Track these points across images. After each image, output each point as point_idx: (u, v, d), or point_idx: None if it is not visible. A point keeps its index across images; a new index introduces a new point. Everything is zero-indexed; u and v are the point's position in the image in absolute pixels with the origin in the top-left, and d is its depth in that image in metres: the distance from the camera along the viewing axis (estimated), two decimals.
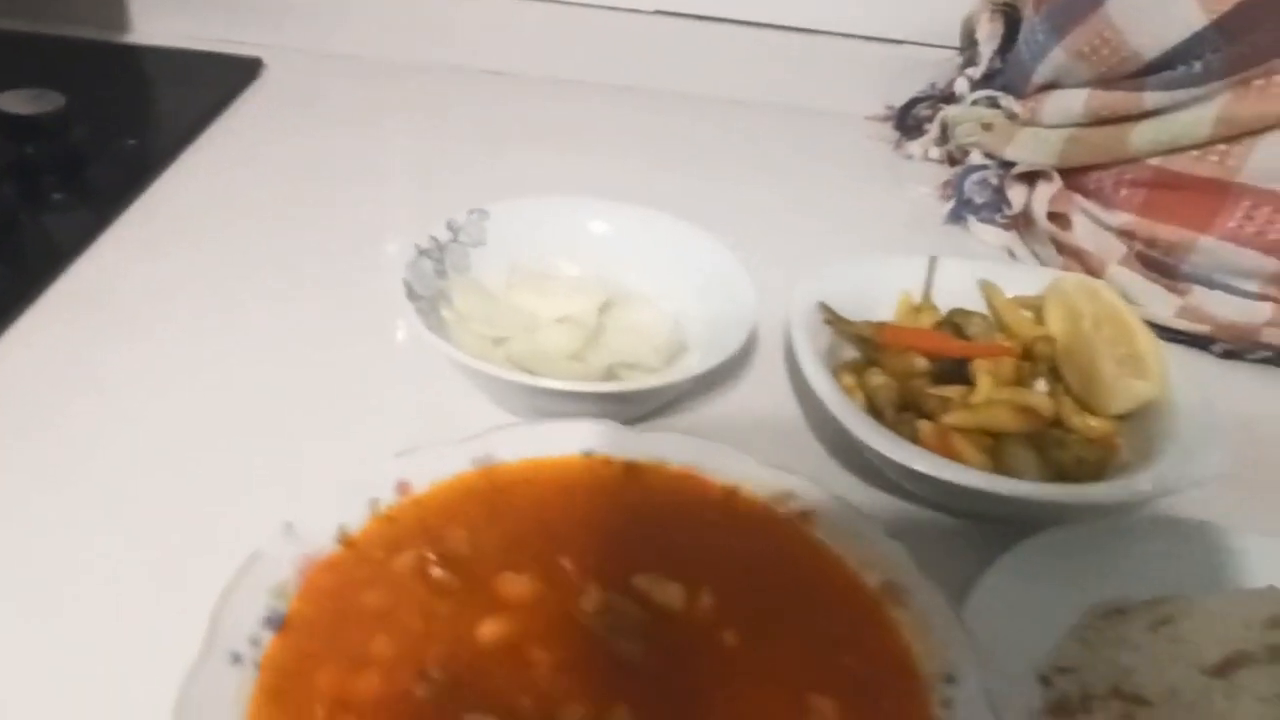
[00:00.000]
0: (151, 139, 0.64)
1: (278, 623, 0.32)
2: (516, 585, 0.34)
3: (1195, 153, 0.56)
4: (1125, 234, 0.60)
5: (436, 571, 0.34)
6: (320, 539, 0.34)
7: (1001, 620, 0.37)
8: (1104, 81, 0.59)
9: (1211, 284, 0.58)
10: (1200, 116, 0.55)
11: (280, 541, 0.33)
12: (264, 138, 0.67)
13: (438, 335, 0.42)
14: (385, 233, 0.57)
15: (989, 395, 0.43)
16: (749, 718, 0.31)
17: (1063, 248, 0.62)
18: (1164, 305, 0.58)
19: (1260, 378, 0.58)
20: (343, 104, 0.72)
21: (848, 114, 0.80)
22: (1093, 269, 0.60)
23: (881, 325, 0.46)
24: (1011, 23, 0.70)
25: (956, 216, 0.68)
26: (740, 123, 0.77)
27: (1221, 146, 0.55)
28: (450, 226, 0.50)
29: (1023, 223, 0.66)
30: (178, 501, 0.40)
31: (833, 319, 0.46)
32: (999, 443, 0.42)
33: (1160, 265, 0.59)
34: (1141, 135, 0.58)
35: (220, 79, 0.70)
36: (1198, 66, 0.54)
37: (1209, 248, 0.57)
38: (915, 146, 0.75)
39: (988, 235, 0.66)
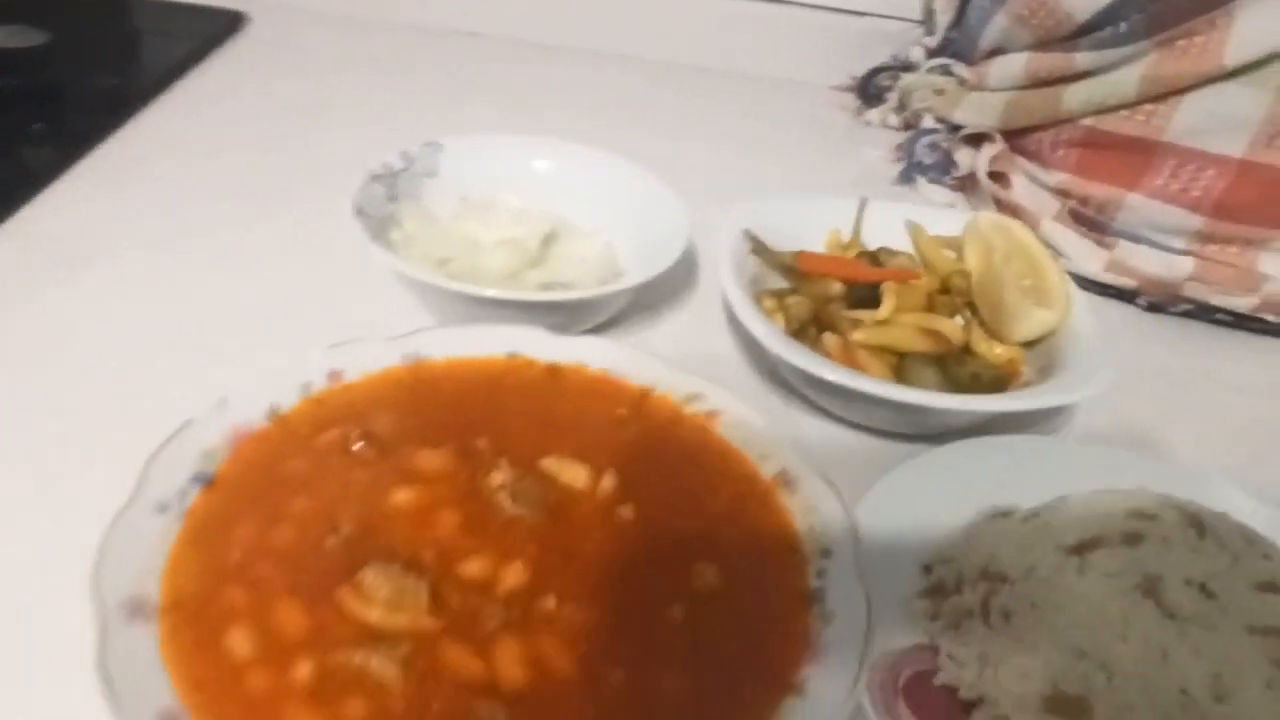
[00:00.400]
0: (132, 80, 0.66)
1: (205, 480, 0.34)
2: (432, 460, 0.37)
3: (1124, 112, 0.59)
4: (1060, 192, 0.63)
5: (358, 446, 0.37)
6: (252, 414, 0.37)
7: (894, 518, 0.40)
8: (1042, 44, 0.62)
9: (1138, 239, 0.60)
10: (1127, 76, 0.57)
11: (214, 413, 0.36)
12: (240, 84, 0.70)
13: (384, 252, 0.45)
14: (344, 167, 0.59)
15: (893, 314, 0.45)
16: (636, 577, 0.34)
17: (1002, 205, 0.65)
18: (1093, 260, 0.61)
19: (1180, 329, 0.60)
20: (317, 57, 0.75)
21: (813, 84, 0.82)
22: (1028, 221, 0.63)
23: (801, 253, 0.48)
24: None
25: (906, 178, 0.70)
26: (705, 89, 0.80)
27: (1148, 106, 0.58)
28: (404, 156, 0.52)
29: (969, 184, 0.68)
30: (132, 388, 0.42)
31: (758, 248, 0.48)
32: (903, 360, 0.44)
33: (1091, 222, 0.62)
34: (1074, 95, 0.60)
35: (203, 29, 0.73)
36: (1124, 27, 0.56)
37: (1136, 205, 0.60)
38: (874, 114, 0.78)
39: (935, 195, 0.69)
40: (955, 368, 0.44)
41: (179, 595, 0.31)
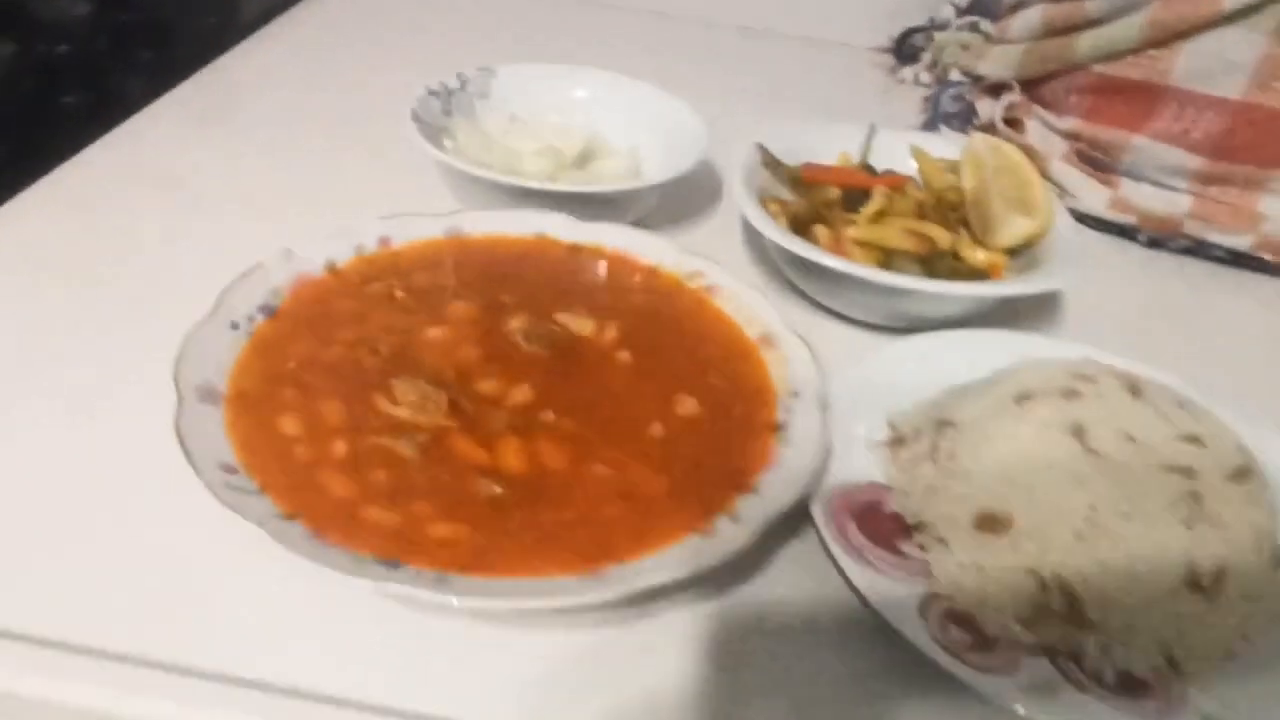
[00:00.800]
0: (227, 22, 0.74)
1: (270, 310, 0.41)
2: (460, 309, 0.43)
3: (1130, 58, 0.62)
4: (1071, 136, 0.66)
5: (400, 294, 0.43)
6: (312, 265, 0.44)
7: (867, 387, 0.44)
8: None
9: (1141, 179, 0.64)
10: (1132, 22, 0.61)
11: (280, 260, 0.43)
12: (323, 31, 0.77)
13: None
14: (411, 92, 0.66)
15: (885, 218, 0.50)
16: (626, 403, 0.39)
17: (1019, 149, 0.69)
18: (1096, 198, 0.65)
19: (1178, 265, 0.64)
20: (394, 9, 0.82)
21: (855, 45, 0.87)
22: (1039, 163, 0.67)
23: (806, 164, 0.53)
24: None
25: (931, 127, 0.74)
26: (750, 49, 0.85)
27: (1153, 51, 0.61)
28: (460, 78, 0.59)
29: (989, 131, 0.72)
30: (219, 247, 0.48)
31: (769, 160, 0.53)
32: (889, 257, 0.49)
33: (1097, 162, 0.65)
34: (1085, 42, 0.64)
35: None
36: None
37: (1141, 146, 0.63)
38: (908, 71, 0.82)
39: (958, 142, 0.73)
40: (937, 266, 0.49)
41: (241, 389, 0.37)
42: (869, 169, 0.55)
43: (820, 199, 0.52)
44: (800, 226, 0.50)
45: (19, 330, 0.44)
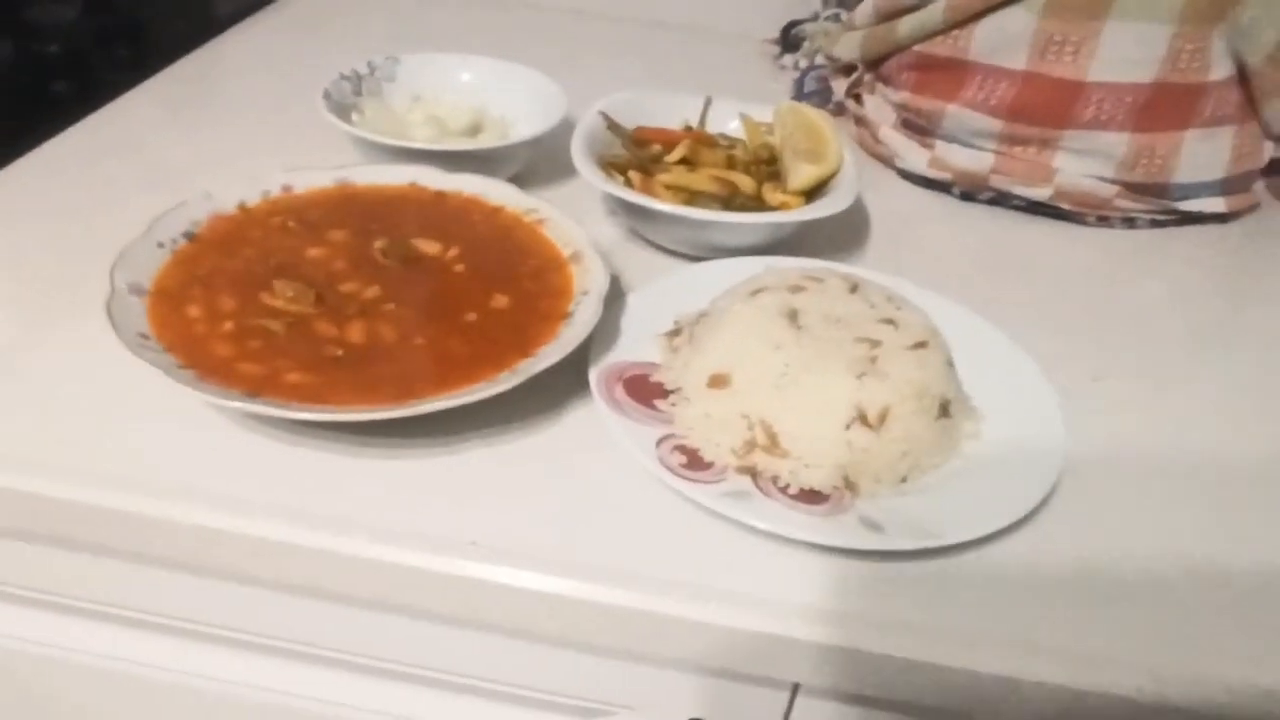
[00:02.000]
0: (196, 25, 0.88)
1: (190, 236, 0.54)
2: (338, 235, 0.55)
3: (940, 38, 0.74)
4: (901, 106, 0.78)
5: (292, 225, 0.56)
6: (226, 205, 0.56)
7: (667, 296, 0.56)
8: None
9: (953, 140, 0.75)
10: (937, 6, 0.72)
11: (200, 199, 0.55)
12: (284, 31, 0.91)
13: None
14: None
15: (685, 157, 0.62)
16: (452, 298, 0.52)
17: (857, 119, 0.81)
18: (919, 158, 0.76)
19: (987, 213, 0.75)
20: (352, 16, 0.96)
21: (751, 37, 0.99)
22: (872, 130, 0.79)
23: (639, 127, 0.66)
24: None
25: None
26: (650, 39, 0.97)
27: (955, 31, 0.73)
28: (369, 64, 0.72)
29: (842, 106, 0.84)
30: (157, 196, 0.61)
31: (611, 124, 0.65)
32: (694, 198, 0.61)
33: (920, 128, 0.77)
34: (904, 26, 0.75)
35: None
36: None
37: (954, 113, 0.74)
38: (788, 59, 0.94)
39: None
40: (734, 205, 0.61)
41: (161, 287, 0.50)
42: (702, 136, 0.66)
43: (648, 155, 0.64)
44: (625, 176, 0.62)
45: (7, 259, 0.57)
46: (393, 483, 0.46)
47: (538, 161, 0.69)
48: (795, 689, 0.46)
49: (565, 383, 0.50)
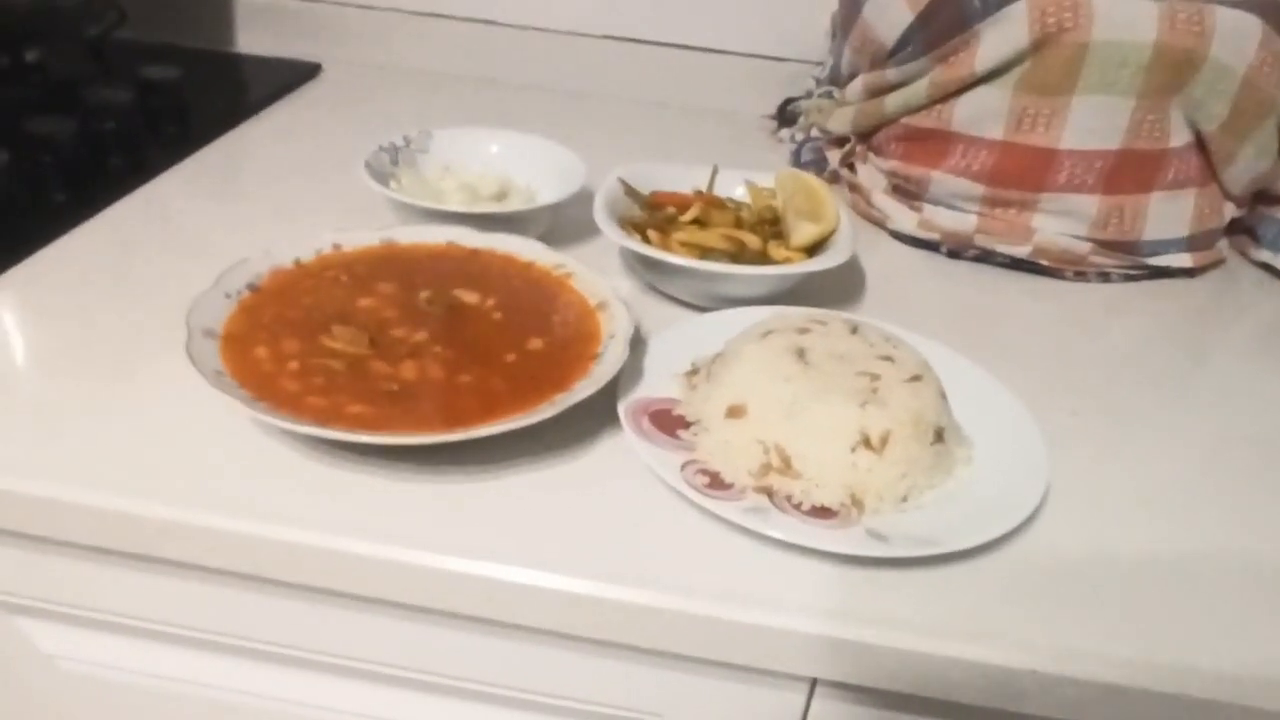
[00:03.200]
0: (235, 104, 0.95)
1: (253, 287, 0.59)
2: (385, 287, 0.61)
3: (924, 111, 0.81)
4: (891, 174, 0.85)
5: (344, 279, 0.62)
6: (283, 261, 0.62)
7: (686, 341, 0.62)
8: (871, 67, 0.85)
9: (939, 204, 0.82)
10: (920, 84, 0.80)
11: (261, 256, 0.61)
12: (313, 111, 0.98)
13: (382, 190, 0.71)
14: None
15: (707, 228, 0.68)
16: (492, 342, 0.57)
17: (851, 186, 0.88)
18: (909, 220, 0.83)
19: (972, 270, 0.81)
20: (371, 95, 1.03)
21: (748, 114, 1.07)
22: (865, 196, 0.85)
23: (654, 191, 0.72)
24: None
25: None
26: (655, 119, 1.05)
27: (938, 105, 0.80)
28: (405, 138, 0.78)
29: (836, 175, 0.91)
30: (222, 255, 0.67)
31: (628, 190, 0.72)
32: (706, 254, 0.67)
33: (908, 193, 0.84)
34: (891, 102, 0.83)
35: (289, 74, 1.02)
36: (911, 49, 0.79)
37: (939, 179, 0.81)
38: (784, 132, 1.02)
39: None
40: (744, 260, 0.67)
41: (230, 332, 0.55)
42: (711, 200, 0.73)
43: (663, 216, 0.70)
44: (642, 234, 0.68)
45: (76, 316, 0.63)
46: (444, 504, 0.50)
47: (559, 225, 0.75)
48: (813, 685, 0.50)
49: (596, 417, 0.55)
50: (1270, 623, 0.49)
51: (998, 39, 0.74)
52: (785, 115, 1.03)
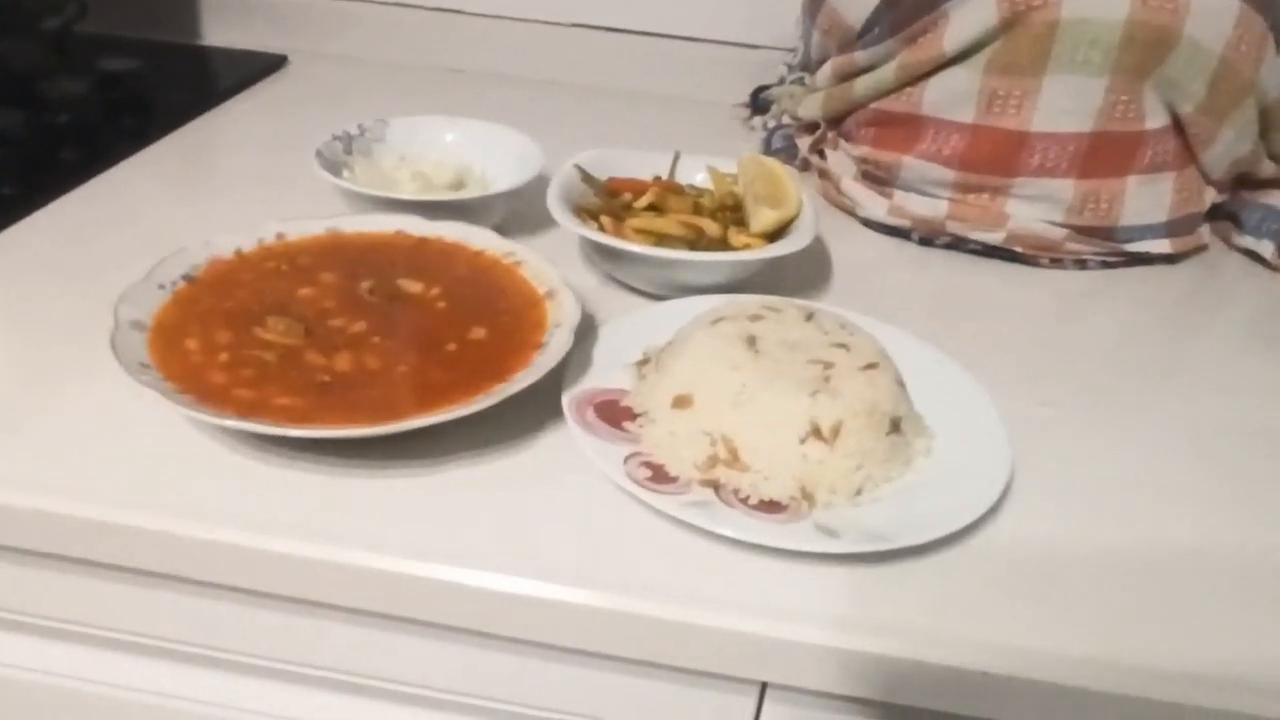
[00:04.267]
0: (198, 96, 0.93)
1: (189, 278, 0.57)
2: (328, 277, 0.59)
3: (892, 95, 0.79)
4: (861, 160, 0.83)
5: (285, 268, 0.60)
6: (223, 250, 0.60)
7: (638, 330, 0.60)
8: (840, 50, 0.83)
9: (910, 190, 0.80)
10: (888, 67, 0.77)
11: (200, 246, 0.59)
12: (277, 103, 0.96)
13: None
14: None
15: (653, 203, 0.66)
16: (434, 331, 0.55)
17: (821, 173, 0.85)
18: (879, 207, 0.81)
19: (944, 257, 0.79)
20: (332, 86, 1.01)
21: (721, 102, 1.04)
22: (835, 183, 0.83)
23: (610, 178, 0.70)
24: None
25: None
26: (626, 107, 1.03)
27: (907, 89, 0.78)
28: (359, 126, 0.76)
29: (806, 162, 0.89)
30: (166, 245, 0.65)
31: (585, 176, 0.70)
32: (661, 240, 0.65)
33: (879, 179, 0.81)
34: (860, 86, 0.80)
35: (253, 66, 1.00)
36: (877, 30, 0.77)
37: (910, 164, 0.79)
38: (757, 120, 1.00)
39: None
40: (701, 247, 0.65)
41: (160, 323, 0.54)
42: (659, 181, 0.71)
43: (619, 203, 0.68)
44: (598, 222, 0.66)
45: (17, 309, 0.61)
46: (379, 500, 0.48)
47: (517, 215, 0.73)
48: (763, 689, 0.48)
49: (541, 409, 0.53)
50: (1241, 620, 0.46)
51: (966, 18, 0.72)
52: (758, 103, 1.01)
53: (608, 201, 0.68)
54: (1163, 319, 0.75)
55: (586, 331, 0.57)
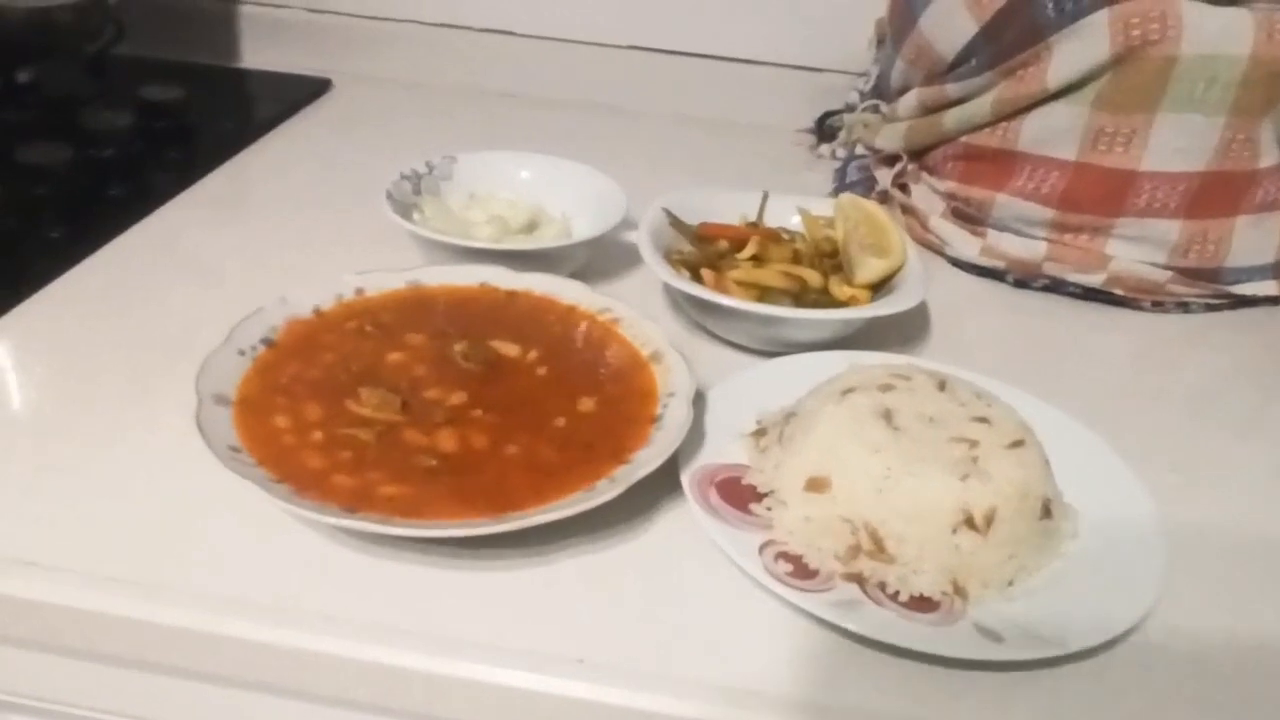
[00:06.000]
0: (243, 125, 0.89)
1: (268, 342, 0.53)
2: (415, 338, 0.55)
3: (986, 130, 0.75)
4: (949, 196, 0.79)
5: (369, 329, 0.55)
6: (302, 308, 0.56)
7: (748, 394, 0.56)
8: (927, 81, 0.79)
9: (1004, 229, 0.76)
10: (983, 101, 0.73)
11: (277, 305, 0.55)
12: (323, 129, 0.92)
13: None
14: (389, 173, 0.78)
15: (764, 263, 0.62)
16: (539, 403, 0.51)
17: (904, 209, 0.81)
18: (970, 247, 0.77)
19: (1041, 300, 0.75)
20: (381, 111, 0.97)
21: (782, 128, 1.00)
22: (921, 220, 0.79)
23: (703, 223, 0.66)
24: None
25: (838, 194, 0.87)
26: (688, 134, 0.98)
27: (1003, 123, 0.74)
28: (428, 164, 0.72)
29: (886, 196, 0.85)
30: (239, 302, 0.61)
31: (673, 220, 0.66)
32: (765, 294, 0.61)
33: (970, 217, 0.77)
34: (950, 118, 0.76)
35: (299, 91, 0.96)
36: (974, 62, 0.73)
37: (1004, 202, 0.75)
38: (825, 148, 0.95)
39: None
40: (805, 300, 0.60)
41: (245, 396, 0.49)
42: (755, 226, 0.67)
43: (714, 251, 0.64)
44: (693, 271, 0.62)
45: (78, 365, 0.57)
46: (490, 597, 0.44)
47: (593, 256, 0.69)
48: None
49: (655, 485, 0.49)
50: None
51: (1073, 52, 0.68)
52: (824, 130, 0.97)
53: (704, 250, 0.64)
54: (1276, 363, 0.71)
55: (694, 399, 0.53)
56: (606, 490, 0.45)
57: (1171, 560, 0.48)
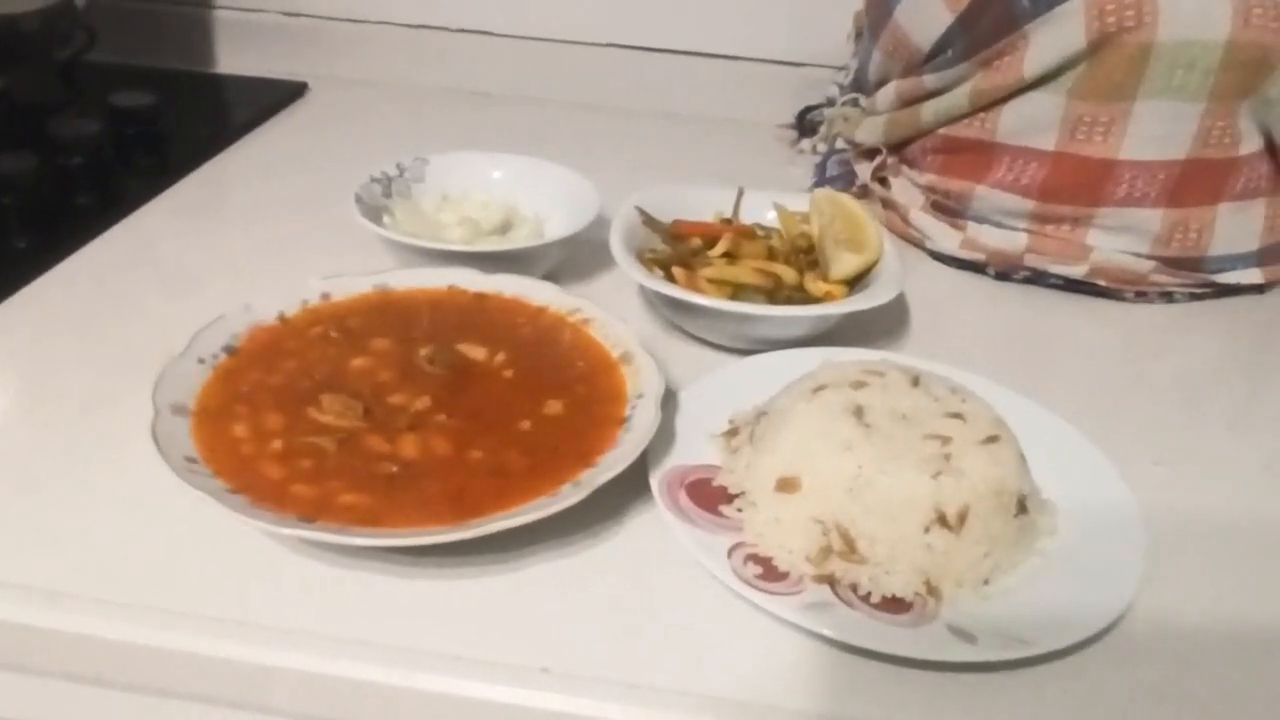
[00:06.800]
0: (218, 130, 0.88)
1: (230, 350, 0.52)
2: (381, 343, 0.54)
3: (964, 121, 0.74)
4: (928, 189, 0.78)
5: (334, 335, 0.54)
6: (266, 315, 0.55)
7: (719, 394, 0.55)
8: (905, 73, 0.78)
9: (985, 221, 0.75)
10: (960, 92, 0.72)
11: (240, 312, 0.54)
12: (299, 133, 0.91)
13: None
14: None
15: (737, 260, 0.61)
16: (504, 406, 0.50)
17: (885, 202, 0.80)
18: (950, 240, 0.76)
19: (1022, 293, 0.74)
20: (356, 114, 0.96)
21: (763, 123, 0.99)
22: (901, 213, 0.78)
23: (676, 220, 0.65)
24: None
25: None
26: (667, 130, 0.97)
27: (980, 114, 0.73)
28: (398, 166, 0.71)
29: (866, 190, 0.84)
30: (199, 306, 0.60)
31: (646, 218, 0.65)
32: (738, 291, 0.60)
33: (949, 209, 0.76)
34: (928, 111, 0.75)
35: (274, 95, 0.95)
36: (951, 53, 0.72)
37: (983, 194, 0.74)
38: (805, 143, 0.94)
39: None
40: (778, 297, 0.60)
41: (204, 406, 0.48)
42: (729, 223, 0.66)
43: (687, 249, 0.63)
44: (665, 269, 0.61)
45: (41, 377, 0.56)
46: (454, 606, 0.43)
47: (568, 255, 0.68)
48: None
49: (625, 488, 0.48)
50: None
51: (1050, 41, 0.67)
52: (804, 124, 0.96)
53: (676, 249, 0.63)
54: (1257, 350, 0.70)
55: (664, 398, 0.52)
56: (571, 495, 0.44)
57: (1153, 554, 0.47)
